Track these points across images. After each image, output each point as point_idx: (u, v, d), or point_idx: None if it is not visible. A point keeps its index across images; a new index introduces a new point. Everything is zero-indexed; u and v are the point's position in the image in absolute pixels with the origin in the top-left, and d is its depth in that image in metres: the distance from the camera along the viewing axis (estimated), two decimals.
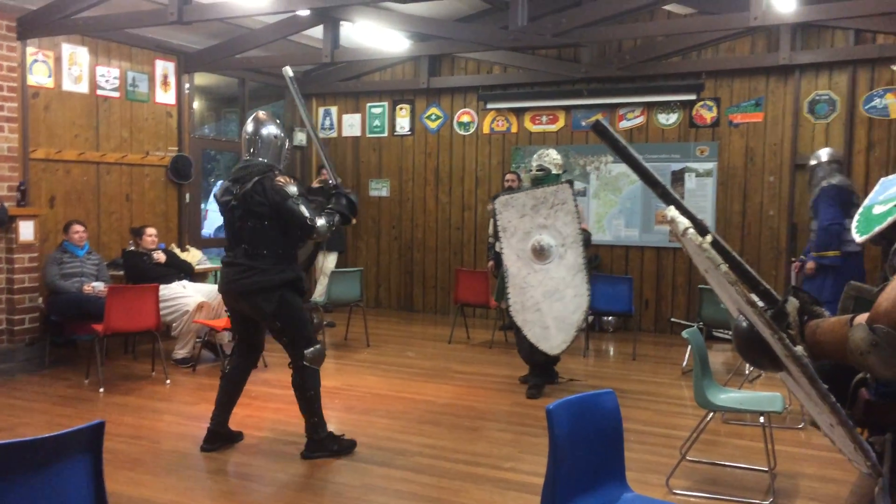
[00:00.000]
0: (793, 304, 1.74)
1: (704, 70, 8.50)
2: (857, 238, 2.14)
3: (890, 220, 1.98)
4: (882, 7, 6.16)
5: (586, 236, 6.06)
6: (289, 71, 4.82)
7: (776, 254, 8.30)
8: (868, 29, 7.61)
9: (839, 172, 6.77)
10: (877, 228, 2.05)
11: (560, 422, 2.64)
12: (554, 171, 6.20)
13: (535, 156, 6.37)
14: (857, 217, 4.03)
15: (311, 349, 4.57)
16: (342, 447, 4.67)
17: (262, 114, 4.70)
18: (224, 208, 4.51)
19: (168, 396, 6.05)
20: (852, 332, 1.54)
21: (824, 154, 6.91)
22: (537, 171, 6.22)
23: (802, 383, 1.60)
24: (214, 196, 4.70)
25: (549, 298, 5.87)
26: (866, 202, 4.20)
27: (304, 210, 4.37)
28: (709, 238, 1.81)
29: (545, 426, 2.64)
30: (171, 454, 4.68)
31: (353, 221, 4.95)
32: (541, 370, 6.18)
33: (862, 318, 1.54)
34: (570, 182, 5.99)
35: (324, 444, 4.62)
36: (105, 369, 6.40)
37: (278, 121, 4.72)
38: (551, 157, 6.26)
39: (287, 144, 4.67)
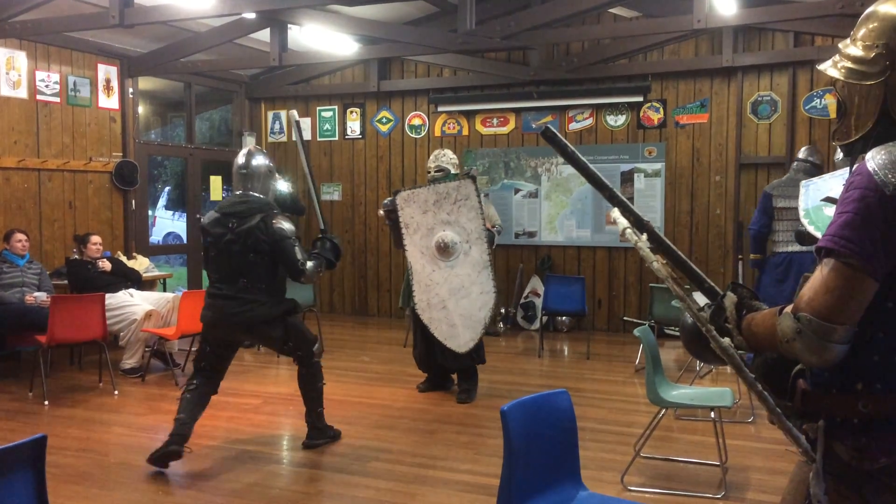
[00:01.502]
0: (730, 298, 1.80)
1: (651, 72, 8.64)
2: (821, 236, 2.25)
3: None
4: (819, 10, 6.34)
5: (490, 236, 5.98)
6: (295, 115, 5.07)
7: (723, 252, 8.47)
8: (806, 31, 7.82)
9: (802, 171, 6.80)
10: None
11: (515, 422, 2.64)
12: (453, 171, 6.14)
13: (431, 157, 6.32)
14: (807, 220, 4.14)
15: (315, 346, 4.87)
16: (335, 434, 5.03)
17: (253, 147, 4.86)
18: (216, 240, 4.57)
19: (116, 408, 5.90)
20: (780, 321, 1.60)
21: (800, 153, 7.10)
22: (436, 172, 6.13)
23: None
24: (203, 227, 4.74)
25: (455, 296, 5.80)
26: (805, 206, 4.31)
27: (297, 252, 4.57)
28: (644, 237, 1.87)
29: (501, 427, 2.64)
30: (119, 467, 4.56)
31: (335, 266, 5.09)
32: (468, 373, 6.06)
33: (789, 307, 1.61)
34: (474, 177, 5.93)
35: (324, 432, 4.94)
36: (50, 381, 6.22)
37: (265, 152, 4.91)
38: (448, 156, 6.22)
39: (275, 175, 4.82)
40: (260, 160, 4.72)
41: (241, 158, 4.73)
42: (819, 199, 4.76)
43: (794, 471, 1.86)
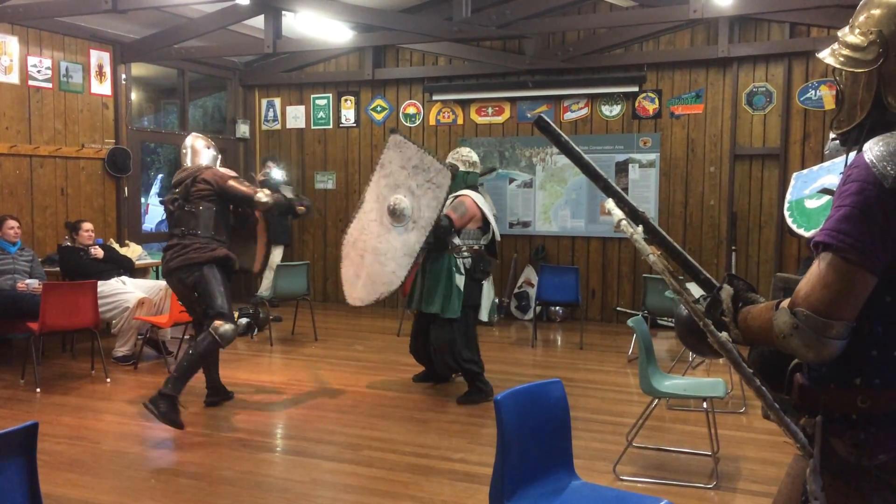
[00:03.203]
0: (727, 291, 1.77)
1: (646, 62, 8.62)
2: (804, 233, 2.23)
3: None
4: (815, 1, 6.34)
5: (446, 223, 5.54)
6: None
7: (717, 242, 8.48)
8: (802, 22, 7.82)
9: None
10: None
11: (508, 412, 2.64)
12: (462, 169, 5.84)
13: (451, 153, 6.05)
14: (788, 213, 4.15)
15: (226, 326, 4.98)
16: (170, 416, 4.78)
17: (199, 142, 5.52)
18: (167, 207, 5.36)
19: (108, 395, 5.88)
20: (776, 317, 1.58)
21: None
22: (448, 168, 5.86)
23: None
24: (163, 203, 5.64)
25: (375, 255, 5.59)
26: (790, 198, 4.33)
27: (244, 187, 5.29)
28: (639, 229, 1.85)
29: (494, 416, 2.64)
30: (112, 454, 4.55)
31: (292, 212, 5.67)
32: (467, 381, 5.80)
33: (785, 302, 1.58)
34: (454, 174, 5.56)
35: (160, 401, 4.78)
36: (42, 369, 6.20)
37: (213, 143, 5.60)
38: (461, 154, 5.94)
39: (220, 159, 5.60)
40: (204, 148, 5.49)
41: (187, 141, 5.54)
42: (804, 192, 4.76)
43: (790, 464, 1.84)
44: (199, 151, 5.46)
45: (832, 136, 4.70)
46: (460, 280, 5.66)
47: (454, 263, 5.68)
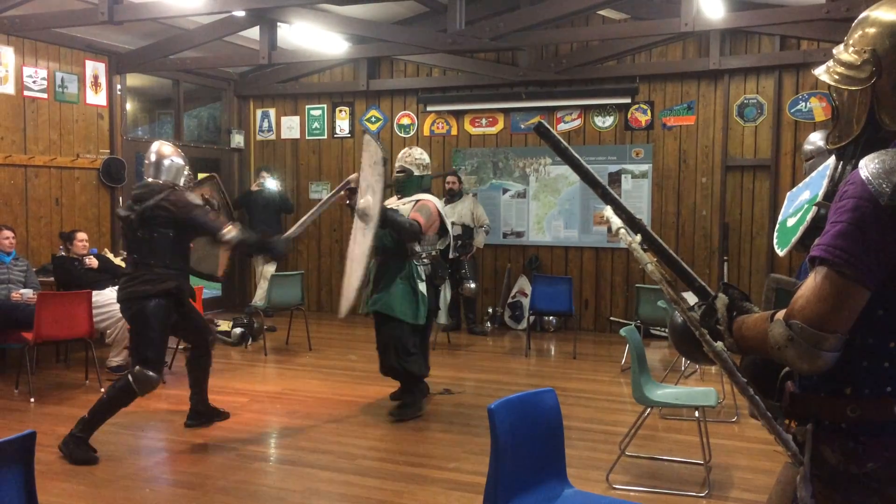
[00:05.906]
0: (722, 300, 1.79)
1: (638, 74, 8.69)
2: (779, 252, 2.25)
3: (802, 228, 2.12)
4: (805, 14, 6.42)
5: (417, 227, 5.26)
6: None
7: (709, 252, 8.54)
8: (792, 35, 7.90)
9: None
10: (793, 240, 2.19)
11: (502, 421, 2.67)
12: (416, 173, 5.55)
13: (400, 154, 5.71)
14: (776, 233, 4.21)
15: (144, 372, 4.61)
16: (81, 456, 4.56)
17: (165, 148, 4.99)
18: (124, 223, 4.88)
19: None
20: (771, 328, 1.59)
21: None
22: (398, 172, 5.57)
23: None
24: (117, 213, 5.29)
25: (352, 262, 5.26)
26: (780, 217, 4.40)
27: (207, 218, 4.77)
28: (638, 238, 1.87)
29: (488, 426, 2.67)
30: (106, 464, 4.55)
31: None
32: (405, 386, 5.64)
33: (781, 314, 1.60)
34: (409, 178, 5.41)
35: (71, 443, 4.59)
36: (36, 378, 6.20)
37: (180, 152, 5.05)
38: (413, 156, 5.58)
39: (187, 170, 5.06)
40: (174, 160, 4.94)
41: (151, 155, 4.95)
42: (789, 211, 4.77)
43: (780, 471, 1.87)
44: (162, 164, 4.90)
45: (806, 146, 4.71)
46: (423, 287, 5.44)
47: (415, 271, 5.44)
